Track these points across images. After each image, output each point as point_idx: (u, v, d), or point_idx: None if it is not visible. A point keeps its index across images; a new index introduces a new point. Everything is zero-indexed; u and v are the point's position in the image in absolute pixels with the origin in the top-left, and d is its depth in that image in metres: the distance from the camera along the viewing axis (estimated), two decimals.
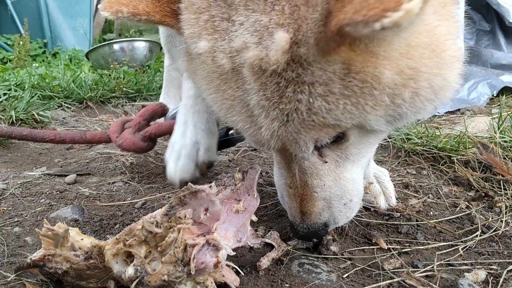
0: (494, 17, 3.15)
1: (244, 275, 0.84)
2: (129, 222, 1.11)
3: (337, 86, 0.65)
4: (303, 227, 0.87)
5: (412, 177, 1.42)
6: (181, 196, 0.72)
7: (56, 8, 5.87)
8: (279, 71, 0.64)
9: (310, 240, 0.93)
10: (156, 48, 4.25)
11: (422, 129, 1.74)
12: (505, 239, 1.01)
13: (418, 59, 0.66)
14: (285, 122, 0.70)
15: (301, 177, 0.84)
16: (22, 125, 2.11)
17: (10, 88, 2.44)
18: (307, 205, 0.86)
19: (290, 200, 0.88)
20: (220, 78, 0.73)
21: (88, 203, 1.25)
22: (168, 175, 1.32)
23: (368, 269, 0.89)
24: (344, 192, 0.87)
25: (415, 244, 1.00)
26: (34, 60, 5.22)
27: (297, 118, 0.69)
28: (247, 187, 0.89)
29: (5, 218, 1.13)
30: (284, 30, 0.61)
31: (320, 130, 0.71)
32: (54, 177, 1.48)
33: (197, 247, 0.70)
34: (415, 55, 0.66)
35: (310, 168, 0.82)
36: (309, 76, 0.64)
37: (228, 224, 0.86)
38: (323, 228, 0.88)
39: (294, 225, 0.88)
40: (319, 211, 0.86)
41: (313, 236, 0.90)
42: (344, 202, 0.88)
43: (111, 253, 0.72)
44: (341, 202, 0.87)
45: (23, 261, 0.89)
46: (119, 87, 2.97)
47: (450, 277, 0.86)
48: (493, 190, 1.27)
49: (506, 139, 1.48)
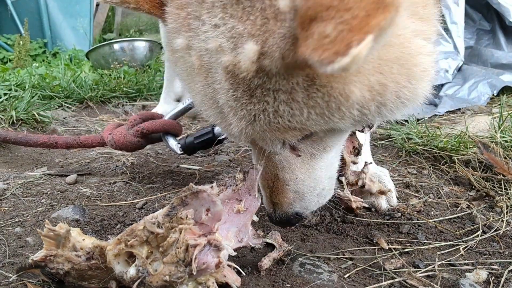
0: (495, 16, 3.16)
1: (245, 275, 0.84)
2: (130, 222, 1.11)
3: (300, 96, 0.67)
4: (275, 215, 0.89)
5: (413, 177, 1.42)
6: (183, 197, 0.72)
7: (56, 8, 5.86)
8: (248, 78, 0.66)
9: (285, 227, 0.98)
10: (157, 48, 4.25)
11: (423, 129, 1.74)
12: (506, 239, 1.01)
13: (388, 74, 0.66)
14: (252, 122, 0.72)
15: (271, 170, 0.86)
16: (22, 125, 2.11)
17: (11, 88, 2.43)
18: (278, 196, 0.88)
19: (263, 190, 0.90)
20: (193, 73, 0.76)
21: (89, 203, 1.25)
22: None
23: (369, 269, 0.90)
24: (317, 183, 0.88)
25: (416, 244, 1.00)
26: (34, 60, 5.22)
27: (263, 119, 0.70)
28: (248, 187, 0.89)
29: (6, 219, 1.13)
30: (254, 42, 0.62)
31: (286, 132, 0.73)
32: (55, 177, 1.48)
33: (198, 248, 0.70)
34: (385, 70, 0.66)
35: (282, 162, 0.84)
36: (274, 84, 0.66)
37: (229, 224, 0.86)
38: (294, 217, 0.90)
39: (268, 213, 0.91)
40: (290, 202, 0.88)
41: (286, 224, 0.93)
42: (317, 193, 0.90)
43: (112, 253, 0.72)
44: (314, 193, 0.89)
45: (24, 261, 0.89)
46: (119, 87, 2.97)
47: (452, 277, 0.86)
48: (494, 189, 1.27)
49: (507, 139, 1.48)
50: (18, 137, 1.56)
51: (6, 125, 2.03)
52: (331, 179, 0.92)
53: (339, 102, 0.66)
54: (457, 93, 2.74)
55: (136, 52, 4.07)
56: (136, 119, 1.37)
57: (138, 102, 2.95)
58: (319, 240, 1.02)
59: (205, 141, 1.30)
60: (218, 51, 0.67)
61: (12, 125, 2.06)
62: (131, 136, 1.31)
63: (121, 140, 1.31)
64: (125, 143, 1.31)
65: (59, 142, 1.49)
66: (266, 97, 0.68)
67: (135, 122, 1.35)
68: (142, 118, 1.38)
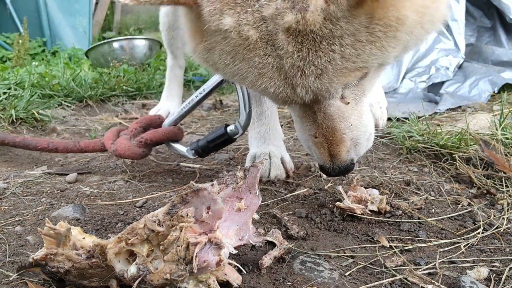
0: (495, 13, 3.15)
1: (246, 273, 0.84)
2: (130, 221, 1.11)
3: (363, 34, 0.73)
4: (334, 168, 0.94)
5: (413, 175, 1.42)
6: (183, 195, 0.72)
7: (55, 7, 5.84)
8: (315, 30, 0.70)
9: (343, 175, 1.03)
10: (156, 46, 4.24)
11: (424, 127, 1.74)
12: (507, 236, 1.01)
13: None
14: (320, 75, 0.76)
15: (328, 123, 0.89)
16: (22, 124, 2.11)
17: (10, 87, 2.43)
18: (338, 147, 0.91)
19: (318, 148, 0.93)
20: (246, 49, 0.77)
21: (89, 202, 1.25)
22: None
23: (370, 266, 0.89)
24: (366, 127, 0.95)
25: (417, 241, 1.00)
26: (34, 58, 5.21)
27: (331, 69, 0.75)
28: (249, 185, 0.89)
29: (6, 218, 1.13)
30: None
31: (349, 75, 0.78)
32: (55, 176, 1.47)
33: (199, 246, 0.70)
34: None
35: (336, 112, 0.88)
36: (339, 30, 0.71)
37: (230, 222, 0.85)
38: (351, 163, 0.95)
39: (325, 167, 0.95)
40: (347, 150, 0.93)
41: (344, 173, 0.97)
42: (367, 137, 0.96)
43: (113, 252, 0.72)
44: (364, 138, 0.95)
45: (25, 260, 0.89)
46: (119, 85, 2.96)
47: (452, 274, 0.86)
48: (495, 187, 1.27)
49: (508, 136, 1.48)
50: (17, 141, 1.55)
51: (5, 124, 2.03)
52: (372, 123, 0.99)
53: (395, 29, 0.73)
54: (458, 91, 2.74)
55: (136, 51, 4.06)
56: (136, 128, 1.38)
57: (138, 100, 2.95)
58: (319, 238, 1.02)
59: (220, 143, 1.31)
60: (276, 15, 0.70)
61: (11, 124, 2.06)
62: (135, 147, 1.34)
63: (126, 153, 1.34)
64: (130, 155, 1.34)
65: (59, 147, 1.49)
66: (332, 45, 0.72)
67: (136, 132, 1.37)
68: (143, 126, 1.39)
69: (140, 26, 7.66)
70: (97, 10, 7.15)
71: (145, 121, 1.41)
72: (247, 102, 1.24)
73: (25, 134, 1.99)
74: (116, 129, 1.47)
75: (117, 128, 1.48)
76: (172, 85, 2.50)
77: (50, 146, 1.50)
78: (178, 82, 2.53)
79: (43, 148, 1.50)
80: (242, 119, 1.26)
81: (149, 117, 1.45)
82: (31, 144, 1.53)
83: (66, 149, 1.48)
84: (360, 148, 0.96)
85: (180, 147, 1.37)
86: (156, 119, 1.44)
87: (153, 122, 1.43)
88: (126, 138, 1.37)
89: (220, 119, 2.52)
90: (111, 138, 1.40)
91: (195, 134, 2.12)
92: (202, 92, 1.35)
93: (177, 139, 1.39)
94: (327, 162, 0.94)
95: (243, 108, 1.25)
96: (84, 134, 2.12)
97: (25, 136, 1.61)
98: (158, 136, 1.34)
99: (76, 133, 2.13)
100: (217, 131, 1.30)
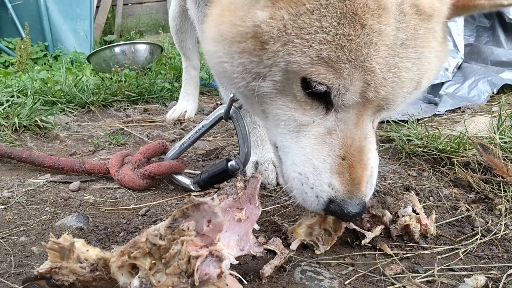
0: (494, 13, 3.15)
1: (247, 283, 0.86)
2: (133, 230, 1.13)
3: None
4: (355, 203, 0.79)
5: (413, 179, 1.43)
6: (184, 209, 0.74)
7: (56, 11, 5.88)
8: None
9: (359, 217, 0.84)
10: (157, 50, 4.25)
11: (423, 130, 1.75)
12: (505, 243, 1.03)
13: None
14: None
15: (358, 143, 0.80)
16: (25, 131, 2.13)
17: (13, 94, 2.45)
18: (362, 173, 0.79)
19: (340, 175, 0.80)
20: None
21: (93, 210, 1.27)
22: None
23: (369, 275, 0.91)
24: (376, 160, 0.85)
25: (416, 248, 1.01)
26: (36, 63, 5.24)
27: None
28: (249, 196, 0.90)
29: (11, 228, 1.15)
30: None
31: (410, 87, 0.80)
32: (58, 184, 1.49)
33: (200, 259, 0.71)
34: None
35: (369, 132, 0.82)
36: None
37: (230, 233, 0.87)
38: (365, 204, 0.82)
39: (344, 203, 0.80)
40: (367, 181, 0.81)
41: (362, 213, 0.82)
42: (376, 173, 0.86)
43: (116, 265, 0.73)
44: (376, 171, 0.85)
45: (30, 271, 0.91)
46: (120, 90, 2.98)
47: (451, 282, 0.87)
48: (493, 192, 1.28)
49: (506, 140, 1.49)
50: (23, 156, 1.61)
51: (9, 132, 2.05)
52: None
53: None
54: (457, 92, 2.75)
55: (137, 55, 4.08)
56: (140, 158, 1.44)
57: (140, 105, 2.97)
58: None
59: (221, 178, 1.36)
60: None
61: (15, 132, 2.08)
62: (139, 179, 1.41)
63: (131, 184, 1.41)
64: (134, 186, 1.41)
65: (65, 167, 1.54)
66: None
67: (140, 163, 1.43)
68: (147, 157, 1.46)
69: (141, 29, 7.69)
70: (98, 14, 7.18)
71: (149, 151, 1.47)
72: (246, 140, 1.29)
73: (28, 142, 2.01)
74: (121, 154, 1.52)
75: (121, 153, 1.53)
76: (187, 86, 2.63)
77: (56, 165, 1.55)
78: (193, 82, 2.64)
79: (49, 166, 1.56)
80: (242, 156, 1.31)
81: (153, 147, 1.49)
82: (37, 161, 1.58)
83: (71, 169, 1.54)
84: (373, 182, 0.85)
85: (183, 179, 1.43)
86: (160, 147, 1.49)
87: (157, 151, 1.49)
88: (130, 169, 1.43)
89: (221, 122, 2.53)
90: (116, 166, 1.46)
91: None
92: (202, 129, 1.40)
93: (180, 172, 1.44)
94: (347, 194, 0.80)
95: (243, 145, 1.30)
96: (86, 140, 2.14)
97: (32, 152, 1.64)
98: (161, 169, 1.40)
99: (79, 140, 2.15)
100: (219, 166, 1.34)
